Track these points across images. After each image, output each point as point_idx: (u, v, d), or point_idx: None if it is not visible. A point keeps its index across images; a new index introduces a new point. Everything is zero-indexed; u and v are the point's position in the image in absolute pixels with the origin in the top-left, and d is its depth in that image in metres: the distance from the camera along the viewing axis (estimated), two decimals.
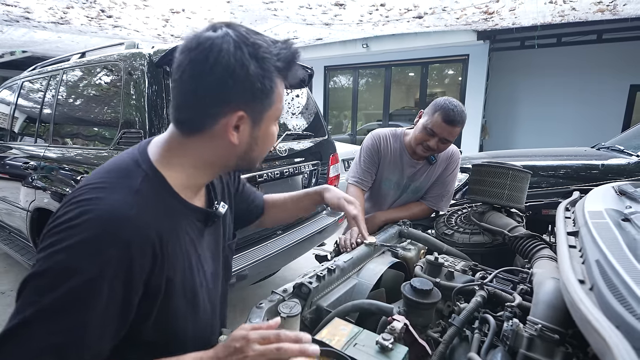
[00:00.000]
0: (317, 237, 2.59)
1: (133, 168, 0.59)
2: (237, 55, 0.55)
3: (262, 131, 0.63)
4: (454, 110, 1.37)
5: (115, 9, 3.62)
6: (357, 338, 0.69)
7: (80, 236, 0.50)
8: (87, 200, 0.53)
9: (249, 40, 0.56)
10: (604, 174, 2.42)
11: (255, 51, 0.56)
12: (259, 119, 0.61)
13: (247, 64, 0.55)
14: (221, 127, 0.58)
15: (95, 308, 0.50)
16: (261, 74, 0.57)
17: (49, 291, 0.49)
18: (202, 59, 0.55)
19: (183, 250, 0.63)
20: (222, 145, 0.60)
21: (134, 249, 0.52)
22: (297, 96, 2.76)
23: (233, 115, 0.58)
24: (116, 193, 0.54)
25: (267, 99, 0.60)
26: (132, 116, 1.83)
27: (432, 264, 1.01)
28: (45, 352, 0.48)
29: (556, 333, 0.69)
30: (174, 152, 0.62)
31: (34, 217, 2.36)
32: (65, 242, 0.50)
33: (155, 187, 0.59)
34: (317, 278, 0.90)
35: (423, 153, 1.50)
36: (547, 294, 0.77)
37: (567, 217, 0.95)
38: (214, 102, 0.57)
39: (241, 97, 0.57)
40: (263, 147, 0.66)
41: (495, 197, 1.32)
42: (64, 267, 0.49)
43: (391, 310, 0.79)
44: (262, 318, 0.77)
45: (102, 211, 0.52)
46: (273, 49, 0.59)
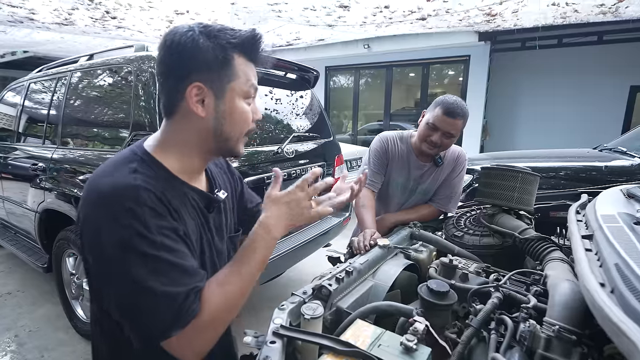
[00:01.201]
0: (322, 239, 2.62)
1: (130, 155, 0.66)
2: (187, 34, 0.62)
3: (227, 105, 0.67)
4: (453, 104, 1.41)
5: (120, 10, 3.62)
6: (381, 339, 0.71)
7: (108, 210, 0.58)
8: (92, 187, 0.62)
9: (202, 24, 0.64)
10: (607, 175, 2.45)
11: (207, 30, 0.63)
12: (221, 91, 0.66)
13: (197, 39, 0.62)
14: (187, 102, 0.64)
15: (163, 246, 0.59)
16: (212, 46, 0.63)
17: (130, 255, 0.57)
18: (162, 44, 0.64)
19: (191, 216, 0.69)
20: (195, 122, 0.66)
21: (152, 203, 0.60)
22: (301, 97, 2.78)
23: (192, 87, 0.63)
24: (117, 173, 0.62)
25: (224, 70, 0.65)
26: (142, 118, 1.85)
27: (447, 266, 1.03)
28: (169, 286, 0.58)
29: (573, 334, 0.71)
30: (165, 139, 0.69)
31: (42, 218, 2.37)
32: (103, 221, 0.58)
33: (152, 168, 0.65)
34: (336, 280, 0.92)
35: (428, 150, 1.52)
36: (563, 296, 0.79)
37: (578, 220, 0.97)
38: (175, 78, 0.64)
39: (196, 69, 0.63)
40: (233, 124, 0.69)
41: (505, 200, 1.34)
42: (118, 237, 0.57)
43: (411, 312, 0.81)
44: (285, 320, 0.78)
45: (111, 185, 0.60)
46: (229, 31, 0.65)
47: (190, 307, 0.59)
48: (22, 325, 2.40)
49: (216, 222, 0.79)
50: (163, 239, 0.60)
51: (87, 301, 2.24)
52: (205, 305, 0.61)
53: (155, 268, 0.58)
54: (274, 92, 2.49)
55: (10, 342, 2.24)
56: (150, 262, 0.58)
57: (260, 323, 2.46)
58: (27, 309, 2.60)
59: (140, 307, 0.58)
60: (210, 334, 0.63)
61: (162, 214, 0.61)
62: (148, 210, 0.59)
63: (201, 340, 0.62)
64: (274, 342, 0.70)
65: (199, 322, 0.60)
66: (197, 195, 0.72)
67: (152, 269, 0.58)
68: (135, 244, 0.57)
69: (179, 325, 0.58)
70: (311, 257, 2.55)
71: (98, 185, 0.61)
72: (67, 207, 2.12)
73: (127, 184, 0.60)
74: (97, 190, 0.60)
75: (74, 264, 2.31)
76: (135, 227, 0.57)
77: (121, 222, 0.57)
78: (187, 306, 0.59)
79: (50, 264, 2.44)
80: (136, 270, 0.57)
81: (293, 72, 2.64)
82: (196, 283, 0.62)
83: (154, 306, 0.58)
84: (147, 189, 0.60)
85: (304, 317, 0.76)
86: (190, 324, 0.59)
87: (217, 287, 0.64)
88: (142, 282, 0.57)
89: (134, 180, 0.60)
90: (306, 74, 2.75)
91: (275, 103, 2.49)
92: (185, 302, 0.59)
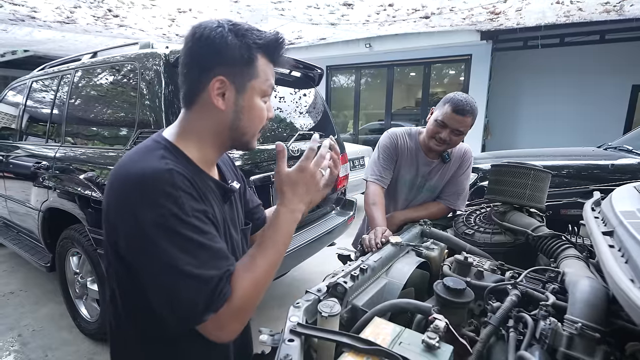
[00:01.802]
0: (327, 238, 2.60)
1: (153, 145, 0.68)
2: (217, 30, 0.65)
3: (246, 101, 0.69)
4: (462, 101, 1.41)
5: (123, 8, 3.61)
6: (401, 337, 0.69)
7: (147, 194, 0.59)
8: (133, 173, 0.62)
9: (231, 22, 0.66)
10: (613, 173, 2.44)
11: (235, 28, 0.66)
12: (242, 88, 0.68)
13: (226, 36, 0.64)
14: (208, 94, 0.66)
15: (199, 229, 0.61)
16: (239, 44, 0.65)
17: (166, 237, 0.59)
18: (190, 37, 0.66)
19: (214, 204, 0.71)
20: (214, 113, 0.68)
21: (185, 187, 0.62)
22: (305, 95, 2.77)
23: (215, 80, 0.66)
24: (149, 161, 0.63)
25: (247, 68, 0.67)
26: (147, 116, 1.83)
27: (461, 264, 1.02)
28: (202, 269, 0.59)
29: (596, 331, 0.70)
30: (184, 129, 0.71)
31: (46, 216, 2.36)
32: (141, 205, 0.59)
33: (175, 155, 0.67)
34: (351, 278, 0.90)
35: (437, 147, 1.51)
36: (584, 293, 0.77)
37: (595, 217, 0.96)
38: (200, 70, 0.66)
39: (222, 63, 0.66)
40: (250, 120, 0.71)
41: (516, 197, 1.33)
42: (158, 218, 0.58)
43: (429, 310, 0.79)
44: (301, 318, 0.77)
45: (144, 170, 0.61)
46: (255, 31, 0.67)
47: (222, 291, 0.61)
48: (26, 324, 2.39)
49: (231, 213, 0.81)
50: (197, 222, 0.61)
51: (91, 300, 2.23)
52: (235, 289, 0.62)
53: (190, 250, 0.59)
54: (278, 90, 2.48)
55: (13, 341, 2.22)
56: (186, 244, 0.59)
57: (264, 322, 2.45)
58: (30, 309, 2.58)
59: (175, 290, 0.59)
60: (242, 316, 0.65)
61: (195, 197, 0.63)
62: (183, 193, 0.61)
63: (234, 323, 0.64)
64: (292, 340, 0.68)
65: (231, 306, 0.61)
66: (214, 185, 0.74)
67: (187, 250, 0.59)
68: (171, 224, 0.59)
69: (212, 309, 0.60)
70: (315, 256, 2.54)
71: (129, 172, 0.62)
72: (71, 205, 2.10)
73: (160, 169, 0.61)
74: (128, 176, 0.62)
75: (78, 263, 2.30)
76: (171, 209, 0.59)
77: (158, 203, 0.58)
78: (220, 290, 0.60)
79: (53, 263, 2.43)
80: (172, 251, 0.58)
81: (297, 69, 2.62)
82: (228, 267, 0.63)
83: (188, 289, 0.59)
84: (180, 172, 0.62)
85: (321, 314, 0.75)
86: (222, 307, 0.60)
87: (244, 272, 0.65)
88: (177, 264, 0.58)
89: (166, 165, 0.62)
90: (310, 72, 2.74)
91: (280, 101, 2.48)
92: (217, 286, 0.60)
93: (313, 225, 2.59)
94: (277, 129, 2.42)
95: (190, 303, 0.59)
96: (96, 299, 2.16)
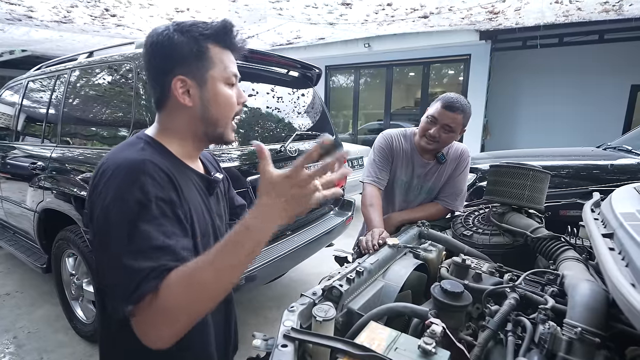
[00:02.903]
0: (325, 238, 2.59)
1: (135, 140, 0.72)
2: (163, 34, 0.69)
3: (210, 92, 0.71)
4: (453, 98, 1.44)
5: (120, 7, 3.59)
6: (397, 342, 0.68)
7: (116, 179, 0.62)
8: (111, 162, 0.65)
9: (175, 22, 0.70)
10: (613, 174, 2.42)
11: (179, 27, 0.69)
12: (202, 80, 0.71)
13: (172, 36, 0.68)
14: (174, 95, 0.70)
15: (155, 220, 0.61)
16: (185, 40, 0.68)
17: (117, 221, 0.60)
18: (144, 47, 0.71)
19: (195, 197, 0.73)
20: (184, 111, 0.71)
21: (157, 177, 0.64)
22: (303, 95, 2.75)
23: (176, 80, 0.69)
24: (128, 152, 0.67)
25: (201, 60, 0.70)
26: (143, 116, 1.81)
27: (459, 266, 1.01)
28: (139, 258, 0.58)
29: (596, 336, 0.69)
30: (161, 127, 0.75)
31: (42, 218, 2.34)
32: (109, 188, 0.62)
33: (156, 149, 0.71)
34: (347, 280, 0.89)
35: (427, 145, 1.51)
36: (584, 297, 0.76)
37: (594, 218, 0.95)
38: (160, 75, 0.70)
39: (176, 64, 0.69)
40: (218, 107, 0.73)
41: (515, 198, 1.32)
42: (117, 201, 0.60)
43: (426, 314, 0.78)
44: (295, 322, 0.75)
45: (123, 160, 0.64)
46: (200, 24, 0.70)
47: (147, 284, 0.56)
48: (21, 326, 2.37)
49: (217, 206, 0.83)
50: (156, 211, 0.61)
51: (87, 302, 2.21)
52: (163, 287, 0.57)
53: (135, 237, 0.59)
54: (276, 90, 2.46)
55: (8, 343, 2.20)
56: (134, 231, 0.59)
57: (262, 324, 2.44)
58: (26, 310, 2.56)
59: (109, 274, 0.61)
60: (169, 319, 0.58)
61: (162, 185, 0.64)
62: (149, 179, 0.62)
63: (159, 326, 0.58)
64: (285, 346, 0.67)
65: (154, 304, 0.56)
66: (197, 178, 0.77)
67: (132, 237, 0.59)
68: (130, 208, 0.60)
69: (131, 300, 0.56)
70: (313, 257, 2.52)
71: (108, 163, 0.65)
72: (67, 206, 2.08)
73: (135, 159, 0.64)
74: (108, 166, 0.65)
75: (74, 264, 2.28)
76: (135, 193, 0.60)
77: (125, 189, 0.61)
78: (141, 283, 0.56)
79: (49, 264, 2.41)
80: (119, 236, 0.59)
81: (295, 69, 2.61)
82: (167, 262, 0.58)
83: (119, 275, 0.58)
84: (152, 161, 0.64)
85: (315, 319, 0.74)
86: (143, 302, 0.56)
87: (182, 273, 0.58)
88: (118, 250, 0.59)
89: (142, 155, 0.65)
90: (308, 72, 2.72)
91: (277, 101, 2.46)
92: (144, 279, 0.56)
93: (311, 225, 2.58)
94: (275, 129, 2.41)
95: (118, 289, 0.58)
96: (92, 300, 2.14)
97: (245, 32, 4.97)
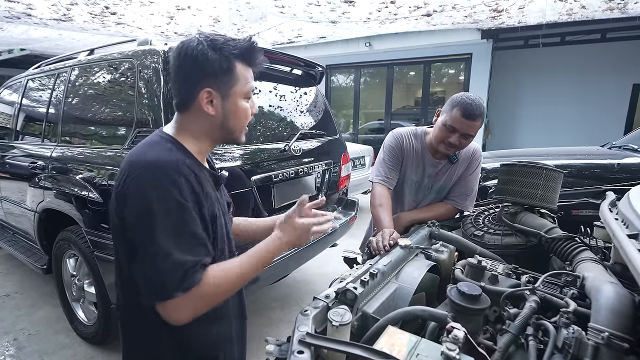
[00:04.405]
0: (329, 238, 2.56)
1: (159, 140, 0.78)
2: (198, 48, 0.75)
3: (231, 105, 0.80)
4: (472, 105, 1.35)
5: (120, 5, 3.55)
6: (418, 348, 0.65)
7: (154, 177, 0.70)
8: (143, 161, 0.72)
9: (209, 38, 0.76)
10: (619, 173, 2.40)
11: (213, 44, 0.76)
12: (227, 94, 0.79)
13: (206, 53, 0.75)
14: (199, 103, 0.77)
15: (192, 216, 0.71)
16: (218, 58, 0.75)
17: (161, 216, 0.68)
18: (176, 56, 0.77)
19: (210, 193, 0.80)
20: (205, 117, 0.79)
21: (190, 178, 0.73)
22: (306, 94, 2.72)
23: (203, 92, 0.76)
24: (157, 152, 0.74)
25: (228, 77, 0.78)
26: (146, 115, 1.78)
27: (475, 267, 0.98)
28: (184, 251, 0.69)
29: (624, 341, 0.66)
30: (181, 128, 0.82)
31: (42, 218, 2.30)
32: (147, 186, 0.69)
33: (180, 148, 0.78)
34: (361, 283, 0.86)
35: (446, 151, 1.47)
36: (609, 300, 0.73)
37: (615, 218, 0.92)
38: (190, 84, 0.77)
39: (206, 77, 0.76)
40: (237, 119, 0.82)
41: (528, 198, 1.29)
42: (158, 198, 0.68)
43: (445, 318, 0.75)
44: (310, 326, 0.73)
45: (156, 159, 0.72)
46: (231, 42, 0.77)
47: (195, 276, 0.69)
48: (21, 328, 2.33)
49: (221, 200, 0.90)
50: (193, 209, 0.71)
51: (88, 303, 2.18)
52: (207, 280, 0.71)
53: (178, 231, 0.69)
54: (279, 89, 2.43)
55: (9, 345, 2.17)
56: (179, 225, 0.69)
57: (266, 324, 2.41)
58: (26, 312, 2.53)
59: (154, 264, 0.68)
60: (203, 304, 0.74)
61: (193, 186, 0.73)
62: (185, 181, 0.71)
63: (194, 308, 0.72)
64: (301, 352, 0.64)
65: (198, 292, 0.70)
66: (209, 174, 0.84)
67: (176, 231, 0.69)
68: (172, 206, 0.69)
69: (181, 288, 0.68)
70: (317, 257, 2.50)
71: (141, 160, 0.72)
72: (68, 206, 2.05)
73: (169, 158, 0.72)
74: (141, 164, 0.71)
75: (75, 265, 2.24)
76: (174, 193, 0.69)
77: (165, 187, 0.69)
78: (192, 274, 0.69)
79: (50, 265, 2.37)
80: (165, 229, 0.68)
81: (299, 67, 2.57)
82: (204, 256, 0.72)
83: (165, 266, 0.67)
84: (184, 163, 0.73)
85: (331, 323, 0.71)
86: (190, 290, 0.69)
87: (220, 271, 0.75)
88: (164, 243, 0.67)
89: (174, 156, 0.73)
90: (312, 70, 2.69)
91: (280, 100, 2.43)
92: (191, 270, 0.69)
93: None
94: (278, 127, 2.37)
95: (163, 278, 0.67)
96: (93, 301, 2.11)
97: (246, 31, 4.94)
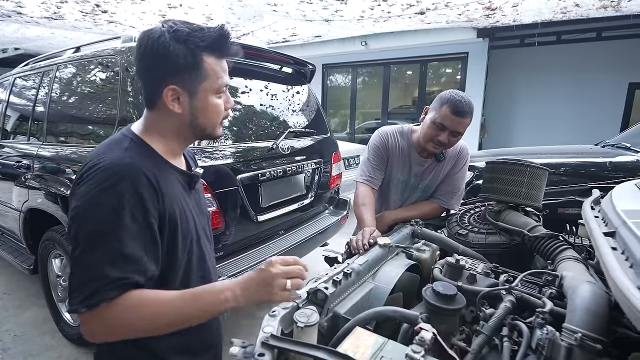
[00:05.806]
0: (320, 237, 2.54)
1: (121, 138, 0.73)
2: (159, 40, 0.67)
3: (200, 102, 0.72)
4: (461, 101, 1.33)
5: (111, 3, 3.52)
6: (383, 350, 0.63)
7: (95, 182, 0.64)
8: (93, 163, 0.67)
9: (172, 28, 0.68)
10: (611, 171, 2.38)
11: (177, 35, 0.67)
12: (194, 92, 0.71)
13: (168, 46, 0.66)
14: (164, 100, 0.70)
15: (125, 228, 0.63)
16: (182, 52, 0.67)
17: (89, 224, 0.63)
18: (137, 48, 0.70)
19: (176, 195, 0.74)
20: (173, 115, 0.72)
21: (137, 183, 0.65)
22: (298, 92, 2.70)
23: (168, 89, 0.69)
24: (112, 153, 0.68)
25: (196, 72, 0.70)
26: (129, 113, 1.76)
27: (453, 267, 0.96)
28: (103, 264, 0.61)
29: (598, 342, 0.64)
30: (148, 125, 0.75)
31: (27, 217, 2.28)
32: (87, 190, 0.64)
33: (140, 147, 0.72)
34: (333, 283, 0.84)
35: (434, 149, 1.44)
36: (584, 300, 0.71)
37: (595, 216, 0.90)
38: (153, 81, 0.71)
39: (170, 73, 0.69)
40: (207, 117, 0.75)
41: (512, 196, 1.27)
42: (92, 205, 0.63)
43: (416, 319, 0.73)
44: (275, 328, 0.70)
45: (105, 162, 0.65)
46: (198, 33, 0.68)
47: (105, 293, 0.61)
48: (7, 329, 2.30)
49: (197, 199, 0.85)
50: (129, 218, 0.63)
51: None
52: (125, 302, 0.62)
53: (103, 241, 0.62)
54: (269, 87, 2.41)
55: None
56: (103, 235, 0.62)
57: (255, 325, 2.38)
58: (13, 313, 2.50)
59: (76, 272, 0.63)
60: (119, 326, 0.64)
61: (139, 192, 0.65)
62: (128, 185, 0.64)
63: (105, 327, 0.63)
64: (262, 355, 0.62)
65: (107, 312, 0.61)
66: (179, 175, 0.78)
67: (101, 241, 0.62)
68: (102, 215, 0.62)
69: (85, 304, 0.60)
70: (307, 256, 2.47)
71: (92, 162, 0.67)
72: (52, 206, 2.02)
73: (117, 162, 0.66)
74: (90, 166, 0.66)
75: (60, 266, 2.22)
76: (111, 200, 0.62)
77: (101, 193, 0.63)
78: (103, 291, 0.60)
79: (36, 265, 2.35)
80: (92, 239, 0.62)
81: (289, 65, 2.55)
82: (131, 273, 0.63)
83: (82, 276, 0.62)
84: (134, 165, 0.66)
85: (296, 324, 0.69)
86: (97, 308, 0.60)
87: (151, 297, 0.64)
88: (91, 252, 0.62)
89: (124, 157, 0.67)
90: (302, 68, 2.67)
91: (271, 98, 2.40)
92: (105, 286, 0.61)
93: (305, 225, 2.53)
94: (269, 126, 2.35)
95: (76, 290, 0.61)
96: None
97: (240, 29, 4.91)
